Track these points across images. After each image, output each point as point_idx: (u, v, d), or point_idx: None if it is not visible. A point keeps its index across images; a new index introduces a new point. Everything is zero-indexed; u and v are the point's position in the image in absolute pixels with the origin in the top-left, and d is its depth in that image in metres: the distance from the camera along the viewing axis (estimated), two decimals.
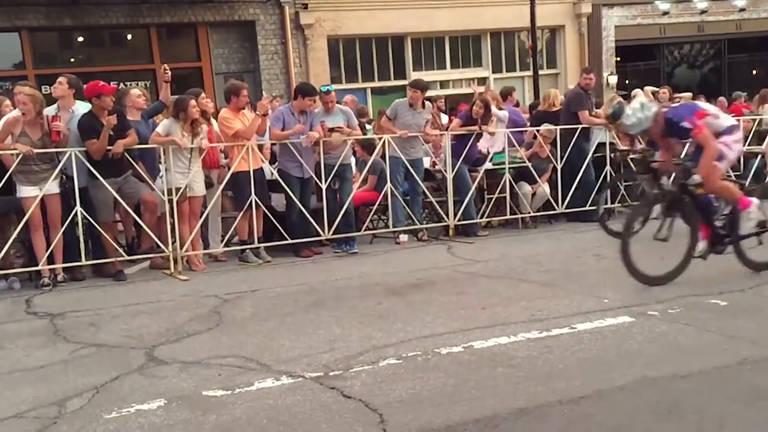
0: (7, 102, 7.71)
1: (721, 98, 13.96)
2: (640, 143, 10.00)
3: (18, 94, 6.96)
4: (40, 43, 13.68)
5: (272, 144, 8.46)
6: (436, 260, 7.57)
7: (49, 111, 7.32)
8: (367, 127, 10.32)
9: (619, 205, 10.02)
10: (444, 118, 10.94)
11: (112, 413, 3.72)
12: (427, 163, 9.23)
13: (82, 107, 7.35)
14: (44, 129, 6.97)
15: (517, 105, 11.62)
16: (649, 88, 12.37)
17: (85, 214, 7.11)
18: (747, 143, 10.50)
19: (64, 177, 7.11)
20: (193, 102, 7.48)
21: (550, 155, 9.43)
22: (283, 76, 14.57)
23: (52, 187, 6.96)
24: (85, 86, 7.28)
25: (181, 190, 7.34)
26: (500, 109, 9.94)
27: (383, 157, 8.58)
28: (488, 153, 9.44)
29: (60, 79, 7.49)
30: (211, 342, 4.97)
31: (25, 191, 6.88)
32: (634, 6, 17.69)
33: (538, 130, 9.61)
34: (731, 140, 5.91)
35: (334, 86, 9.03)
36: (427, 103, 9.14)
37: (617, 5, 17.51)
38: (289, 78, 14.14)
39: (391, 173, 8.51)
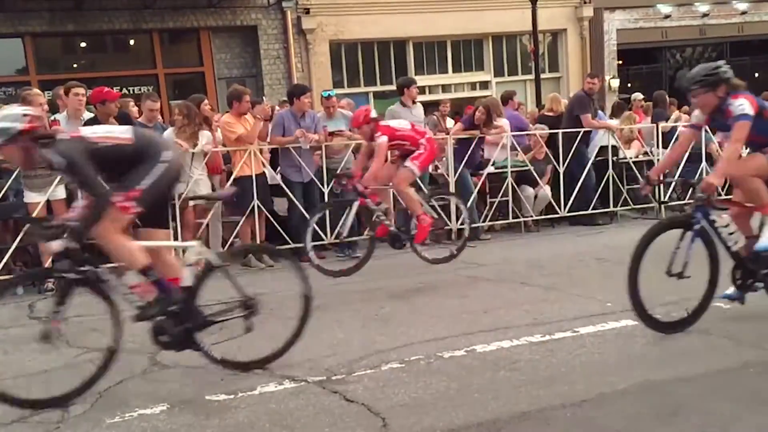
0: None
1: None
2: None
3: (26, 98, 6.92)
4: (43, 48, 13.71)
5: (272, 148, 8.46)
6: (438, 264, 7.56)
7: (59, 119, 7.32)
8: None
9: (622, 208, 10.03)
10: (450, 122, 10.92)
11: (115, 417, 3.73)
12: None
13: (90, 116, 7.32)
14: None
15: (518, 108, 11.60)
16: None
17: None
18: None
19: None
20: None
21: (548, 155, 9.43)
22: (286, 80, 14.58)
23: (59, 191, 6.95)
24: (89, 92, 7.24)
25: (182, 196, 7.34)
26: (499, 115, 9.91)
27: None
28: (490, 158, 9.43)
29: (80, 90, 7.32)
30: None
31: (30, 197, 6.89)
32: (636, 9, 17.67)
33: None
34: None
35: (336, 91, 9.02)
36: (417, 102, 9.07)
37: (619, 9, 17.50)
38: (292, 82, 14.12)
39: None
